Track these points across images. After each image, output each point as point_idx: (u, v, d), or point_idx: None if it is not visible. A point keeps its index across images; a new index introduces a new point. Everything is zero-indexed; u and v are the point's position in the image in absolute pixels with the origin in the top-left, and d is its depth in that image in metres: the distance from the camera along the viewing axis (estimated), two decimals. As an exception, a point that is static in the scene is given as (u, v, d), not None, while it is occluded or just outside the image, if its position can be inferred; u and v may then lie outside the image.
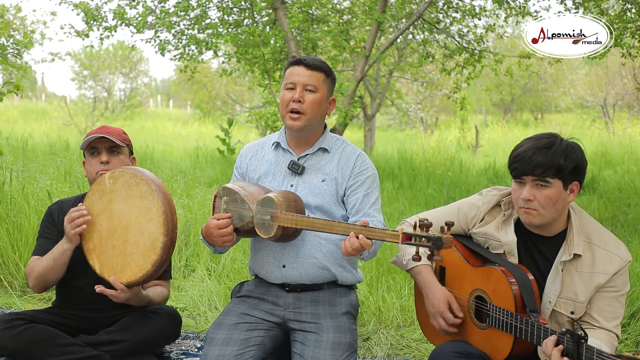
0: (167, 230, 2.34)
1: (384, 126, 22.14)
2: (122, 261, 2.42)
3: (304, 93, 2.41)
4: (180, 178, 6.35)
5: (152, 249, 2.35)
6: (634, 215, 6.32)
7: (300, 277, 2.44)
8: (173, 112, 29.15)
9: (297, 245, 2.43)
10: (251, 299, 2.51)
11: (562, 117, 23.64)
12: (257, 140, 2.67)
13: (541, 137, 2.17)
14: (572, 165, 2.11)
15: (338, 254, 2.46)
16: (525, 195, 2.15)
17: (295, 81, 2.42)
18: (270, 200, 2.28)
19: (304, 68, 2.43)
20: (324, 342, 2.32)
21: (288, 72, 2.46)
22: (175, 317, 2.75)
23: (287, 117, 2.43)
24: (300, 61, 2.44)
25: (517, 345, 2.12)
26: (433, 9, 7.97)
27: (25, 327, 2.49)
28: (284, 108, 2.44)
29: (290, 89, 2.43)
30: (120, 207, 2.45)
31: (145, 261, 2.37)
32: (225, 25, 7.82)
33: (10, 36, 8.18)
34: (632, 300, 3.47)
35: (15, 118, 18.55)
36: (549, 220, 2.18)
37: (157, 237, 2.35)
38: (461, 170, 9.10)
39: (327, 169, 2.47)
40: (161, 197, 2.36)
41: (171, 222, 2.35)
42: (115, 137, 2.68)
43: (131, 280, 2.41)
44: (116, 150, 2.67)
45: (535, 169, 2.11)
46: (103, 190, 2.50)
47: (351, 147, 2.55)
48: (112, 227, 2.46)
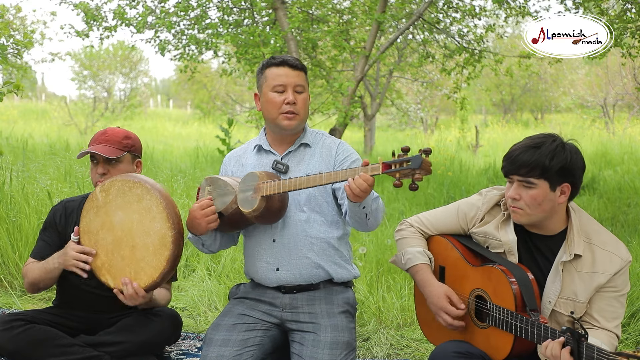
0: (173, 223, 2.33)
1: (384, 126, 22.14)
2: (135, 268, 2.40)
3: (295, 95, 2.42)
4: (180, 178, 6.35)
5: (163, 246, 2.34)
6: (634, 215, 6.32)
7: (295, 278, 2.44)
8: (173, 112, 29.15)
9: (289, 246, 2.43)
10: (249, 300, 2.51)
11: (562, 117, 23.64)
12: (238, 147, 2.68)
13: (536, 137, 2.16)
14: (558, 167, 2.09)
15: (331, 252, 2.46)
16: (510, 194, 2.17)
17: (285, 83, 2.41)
18: (253, 174, 2.32)
19: (290, 69, 2.43)
20: (321, 341, 2.32)
21: (273, 74, 2.43)
22: (176, 318, 2.75)
23: (281, 118, 2.43)
24: (285, 62, 2.43)
25: (517, 344, 2.12)
26: (433, 9, 7.97)
27: (25, 328, 2.48)
28: (276, 110, 2.43)
29: (280, 92, 2.42)
30: (119, 216, 2.43)
31: (159, 260, 2.35)
32: (225, 25, 7.82)
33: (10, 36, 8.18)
34: (632, 300, 3.47)
35: (15, 118, 18.54)
36: (537, 220, 2.18)
37: (165, 233, 2.33)
38: (461, 170, 9.10)
39: (310, 164, 2.48)
40: (158, 193, 2.35)
41: (175, 215, 2.34)
42: (114, 145, 2.61)
43: (149, 283, 2.39)
44: (115, 160, 2.61)
45: (520, 168, 2.12)
46: (97, 205, 2.48)
47: (331, 139, 2.56)
48: (116, 238, 2.43)
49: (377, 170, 2.04)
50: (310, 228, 2.43)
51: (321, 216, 2.45)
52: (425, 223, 2.48)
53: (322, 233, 2.44)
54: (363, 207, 2.24)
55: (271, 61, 2.45)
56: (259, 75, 2.49)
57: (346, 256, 2.54)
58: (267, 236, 2.46)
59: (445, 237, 2.44)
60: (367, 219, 2.29)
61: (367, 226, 2.34)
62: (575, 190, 2.17)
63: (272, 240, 2.45)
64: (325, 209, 2.46)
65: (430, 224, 2.47)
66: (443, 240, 2.43)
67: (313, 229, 2.44)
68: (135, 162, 2.72)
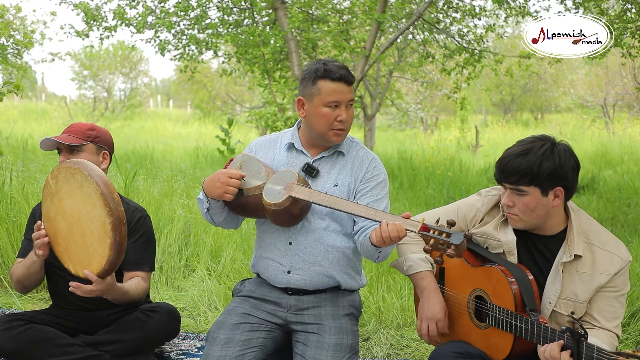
0: (110, 210, 2.24)
1: (384, 126, 22.14)
2: (87, 254, 2.36)
3: (346, 110, 2.38)
4: (180, 178, 6.35)
5: (105, 233, 2.27)
6: (634, 215, 6.32)
7: (304, 283, 2.43)
8: (173, 112, 29.15)
9: (305, 252, 2.41)
10: (253, 299, 2.50)
11: (562, 117, 23.64)
12: (266, 136, 2.62)
13: (526, 141, 2.15)
14: (547, 172, 2.07)
15: (344, 262, 2.45)
16: (504, 201, 2.18)
17: (341, 100, 2.36)
18: (291, 172, 2.30)
19: (345, 85, 2.37)
20: (325, 343, 2.32)
21: (329, 88, 2.35)
22: (174, 314, 2.74)
23: (330, 134, 2.39)
24: (342, 78, 2.35)
25: (517, 344, 2.12)
26: (433, 9, 7.97)
27: (24, 328, 2.49)
28: (327, 125, 2.38)
29: (334, 107, 2.37)
30: (68, 202, 2.39)
31: (104, 247, 2.29)
32: (225, 25, 7.82)
33: (10, 36, 8.19)
34: (632, 300, 3.47)
35: (15, 118, 18.54)
36: (534, 224, 2.19)
37: (104, 220, 2.26)
38: (461, 170, 9.10)
39: (341, 175, 2.45)
40: (95, 179, 2.27)
41: (112, 201, 2.25)
42: (76, 135, 2.66)
43: (99, 270, 2.33)
44: (76, 149, 2.65)
45: (510, 177, 2.11)
46: (51, 192, 2.46)
47: (364, 151, 2.53)
48: (69, 225, 2.40)
49: (415, 227, 1.99)
50: (328, 236, 2.41)
51: (340, 226, 2.43)
52: (425, 223, 2.48)
53: (339, 243, 2.42)
54: (380, 251, 2.24)
55: (328, 75, 2.35)
56: (309, 83, 2.39)
57: (358, 267, 2.53)
58: (284, 237, 2.44)
59: (445, 237, 2.44)
60: (377, 258, 2.31)
61: (375, 261, 2.34)
62: (569, 191, 2.16)
63: (289, 243, 2.43)
64: (345, 220, 2.44)
65: (430, 225, 2.47)
66: (443, 240, 2.43)
67: (331, 237, 2.41)
68: (102, 153, 2.72)
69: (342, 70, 2.36)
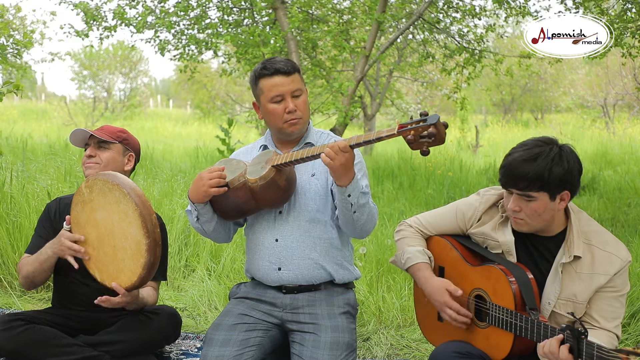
0: (147, 232, 2.29)
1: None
2: (116, 267, 2.41)
3: (294, 100, 2.41)
4: (180, 178, 6.34)
5: (139, 252, 2.33)
6: (634, 215, 6.32)
7: (296, 278, 2.44)
8: (173, 112, 29.15)
9: (292, 246, 2.42)
10: (249, 300, 2.51)
11: (562, 117, 23.64)
12: (245, 146, 2.68)
13: (533, 144, 2.12)
14: (557, 178, 2.06)
15: (333, 252, 2.46)
16: (511, 206, 2.15)
17: (282, 92, 2.39)
18: (267, 151, 2.36)
19: (284, 76, 2.39)
20: (322, 342, 2.32)
21: (267, 85, 2.40)
22: (175, 317, 2.75)
23: (285, 127, 2.42)
24: (277, 71, 2.38)
25: (517, 343, 2.12)
26: (433, 9, 7.97)
27: (24, 328, 2.48)
28: (279, 120, 2.42)
29: (279, 102, 2.40)
30: (102, 214, 2.42)
31: (136, 265, 2.34)
32: (225, 25, 7.82)
33: (10, 36, 8.19)
34: (632, 300, 3.47)
35: (15, 118, 18.54)
36: (539, 228, 2.19)
37: (139, 240, 2.31)
38: (461, 170, 9.10)
39: (316, 164, 2.47)
40: (135, 199, 2.30)
41: (150, 222, 2.29)
42: (107, 133, 2.71)
43: (129, 285, 2.40)
44: (104, 146, 2.70)
45: (518, 183, 2.09)
46: (83, 200, 2.48)
47: (337, 138, 2.54)
48: (100, 235, 2.44)
49: (393, 130, 2.05)
50: (313, 228, 2.43)
51: (324, 217, 2.45)
52: (424, 223, 2.48)
53: (326, 233, 2.44)
54: (348, 194, 2.22)
55: (263, 72, 2.40)
56: (254, 86, 2.46)
57: (348, 257, 2.54)
58: (269, 235, 2.46)
59: (444, 237, 2.44)
60: (354, 213, 2.27)
61: (355, 227, 2.32)
62: (574, 194, 2.16)
63: (275, 240, 2.45)
64: (329, 210, 2.45)
65: (429, 225, 2.47)
66: (442, 240, 2.43)
67: (316, 229, 2.43)
68: (128, 155, 2.78)
69: (277, 64, 2.39)
